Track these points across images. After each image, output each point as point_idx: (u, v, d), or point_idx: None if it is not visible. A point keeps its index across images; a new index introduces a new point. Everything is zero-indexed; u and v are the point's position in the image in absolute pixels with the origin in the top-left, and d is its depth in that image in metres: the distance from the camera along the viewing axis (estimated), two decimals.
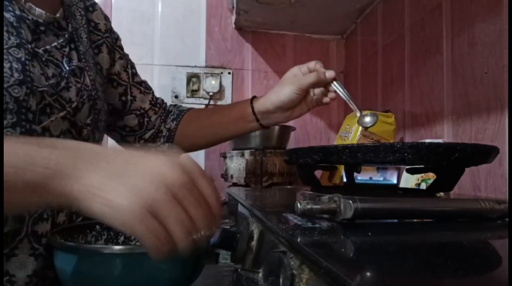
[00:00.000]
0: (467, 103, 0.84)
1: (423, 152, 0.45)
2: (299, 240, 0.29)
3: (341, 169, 1.04)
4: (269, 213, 0.43)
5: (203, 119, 0.80)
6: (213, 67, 1.57)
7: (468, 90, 0.84)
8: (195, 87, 1.54)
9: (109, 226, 0.57)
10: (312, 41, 1.65)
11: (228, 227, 0.56)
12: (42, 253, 0.52)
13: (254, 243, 0.43)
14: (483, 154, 0.48)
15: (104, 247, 0.42)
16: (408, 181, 0.80)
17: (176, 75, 1.54)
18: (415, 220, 0.39)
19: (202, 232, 0.34)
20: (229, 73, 1.57)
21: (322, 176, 1.13)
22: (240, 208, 0.59)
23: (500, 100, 0.75)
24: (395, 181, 0.99)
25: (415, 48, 1.08)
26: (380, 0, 1.30)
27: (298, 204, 0.34)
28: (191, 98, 1.54)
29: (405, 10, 1.13)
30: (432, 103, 0.99)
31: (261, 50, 1.61)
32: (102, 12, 0.74)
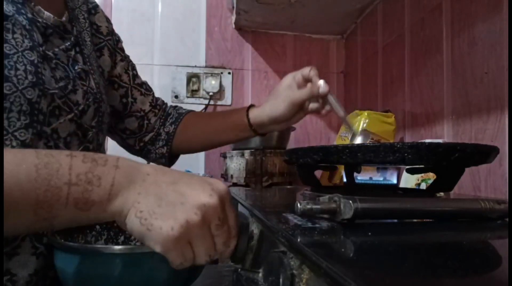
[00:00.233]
0: (467, 103, 0.84)
1: (423, 152, 0.45)
2: (299, 240, 0.29)
3: (341, 169, 1.04)
4: (269, 213, 0.43)
5: (200, 125, 0.81)
6: (213, 67, 1.57)
7: (468, 90, 0.84)
8: (195, 87, 1.54)
9: (109, 226, 0.57)
10: (312, 41, 1.65)
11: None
12: (43, 252, 0.53)
13: (254, 243, 0.43)
14: (483, 154, 0.48)
15: (104, 247, 0.42)
16: (408, 181, 0.80)
17: (176, 75, 1.54)
18: (415, 220, 0.39)
19: (219, 252, 0.38)
20: (229, 73, 1.57)
21: (322, 176, 1.13)
22: (240, 208, 0.59)
23: (500, 100, 0.75)
24: (395, 181, 0.99)
25: (415, 48, 1.08)
26: (380, 0, 1.30)
27: (298, 204, 0.34)
28: (191, 98, 1.54)
29: (405, 10, 1.13)
30: (432, 103, 0.99)
31: (261, 50, 1.62)
32: (103, 14, 0.74)
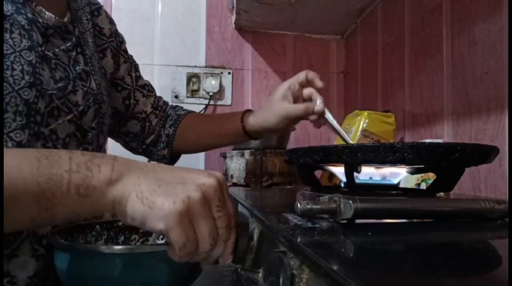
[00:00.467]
0: (467, 103, 0.84)
1: (423, 152, 0.45)
2: (299, 240, 0.29)
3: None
4: (269, 213, 0.43)
5: (197, 129, 0.81)
6: (213, 67, 1.57)
7: (468, 90, 0.84)
8: (195, 87, 1.54)
9: (109, 226, 0.57)
10: (312, 41, 1.65)
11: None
12: (43, 254, 0.53)
13: (254, 243, 0.43)
14: (483, 154, 0.48)
15: (104, 247, 0.42)
16: (408, 181, 0.80)
17: (176, 75, 1.54)
18: (415, 220, 0.39)
19: (222, 242, 0.37)
20: (229, 73, 1.57)
21: (322, 176, 1.13)
22: (240, 208, 0.59)
23: (500, 100, 0.74)
24: (395, 181, 0.99)
25: (415, 48, 1.08)
26: (380, 0, 1.30)
27: (298, 204, 0.34)
28: (191, 98, 1.54)
29: (405, 10, 1.13)
30: (432, 103, 0.99)
31: (261, 50, 1.61)
32: (107, 15, 0.73)
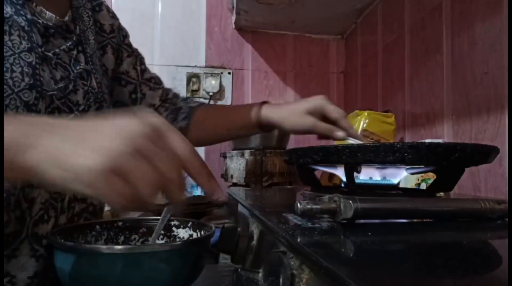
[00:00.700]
0: (467, 103, 0.84)
1: (423, 152, 0.45)
2: (299, 240, 0.29)
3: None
4: (269, 213, 0.43)
5: (212, 120, 0.81)
6: (213, 67, 1.57)
7: (468, 90, 0.84)
8: (195, 87, 1.54)
9: (109, 226, 0.57)
10: (312, 41, 1.65)
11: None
12: (43, 254, 0.53)
13: (254, 243, 0.43)
14: (483, 154, 0.48)
15: (104, 247, 0.42)
16: (408, 181, 0.80)
17: (176, 75, 1.54)
18: (415, 220, 0.39)
19: (176, 186, 0.32)
20: (229, 73, 1.57)
21: (322, 176, 1.13)
22: (240, 208, 0.59)
23: (500, 100, 0.75)
24: (395, 181, 0.99)
25: (415, 48, 1.08)
26: (380, 0, 1.30)
27: (298, 204, 0.34)
28: (191, 98, 1.54)
29: (405, 10, 1.13)
30: (432, 103, 0.99)
31: (261, 50, 1.62)
32: (108, 11, 0.72)
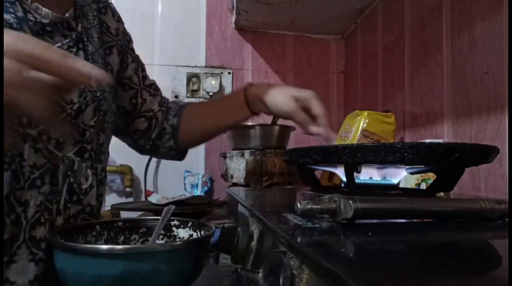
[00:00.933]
0: (467, 103, 0.84)
1: (423, 152, 0.45)
2: (299, 240, 0.29)
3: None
4: (269, 213, 0.43)
5: (202, 113, 0.81)
6: (213, 67, 1.57)
7: (468, 90, 0.84)
8: (195, 87, 1.54)
9: (109, 226, 0.57)
10: (312, 41, 1.65)
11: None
12: (42, 258, 0.52)
13: (254, 243, 0.43)
14: (483, 154, 0.48)
15: (104, 247, 0.42)
16: (408, 181, 0.80)
17: (176, 75, 1.54)
18: (415, 220, 0.39)
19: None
20: (229, 73, 1.57)
21: (322, 176, 1.13)
22: (240, 208, 0.59)
23: (500, 100, 0.75)
24: (395, 181, 0.99)
25: (415, 48, 1.08)
26: (380, 0, 1.30)
27: (298, 204, 0.34)
28: (191, 98, 1.54)
29: (405, 10, 1.13)
30: (432, 103, 0.99)
31: (261, 50, 1.62)
32: (114, 14, 0.72)
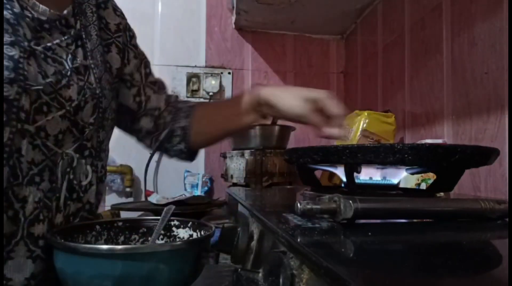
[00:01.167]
0: (467, 103, 0.84)
1: (423, 153, 0.45)
2: (299, 240, 0.29)
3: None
4: (269, 213, 0.43)
5: (214, 114, 0.78)
6: (213, 67, 1.57)
7: (468, 90, 0.84)
8: (195, 87, 1.54)
9: (109, 226, 0.57)
10: (312, 41, 1.65)
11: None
12: (40, 255, 0.52)
13: (254, 243, 0.43)
14: (483, 156, 0.48)
15: (104, 247, 0.42)
16: (408, 181, 0.80)
17: (176, 75, 1.54)
18: (415, 220, 0.39)
19: None
20: (229, 73, 1.57)
21: (322, 176, 1.13)
22: (240, 208, 0.59)
23: (500, 100, 0.75)
24: (395, 181, 0.99)
25: (415, 48, 1.08)
26: (380, 0, 1.30)
27: (298, 204, 0.34)
28: (191, 98, 1.54)
29: (405, 10, 1.13)
30: (432, 103, 0.99)
31: (261, 50, 1.62)
32: (115, 10, 0.71)
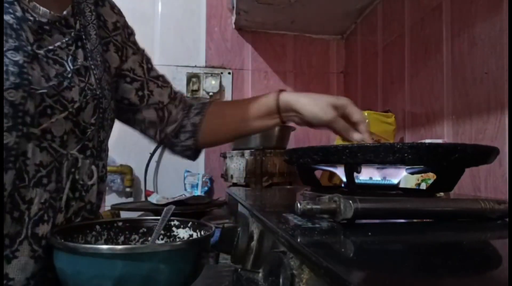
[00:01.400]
0: (467, 103, 0.84)
1: (423, 152, 0.45)
2: (299, 240, 0.29)
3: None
4: (269, 213, 0.43)
5: (227, 113, 0.78)
6: (213, 67, 1.57)
7: (468, 90, 0.84)
8: (195, 87, 1.54)
9: (109, 226, 0.57)
10: (312, 41, 1.65)
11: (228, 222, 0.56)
12: (41, 255, 0.52)
13: (254, 243, 0.43)
14: (483, 154, 0.48)
15: (104, 247, 0.42)
16: (408, 181, 0.80)
17: (176, 75, 1.54)
18: (415, 220, 0.39)
19: None
20: (229, 73, 1.57)
21: (322, 176, 1.13)
22: (240, 208, 0.59)
23: (500, 100, 0.75)
24: (395, 181, 0.99)
25: (415, 48, 1.08)
26: (380, 0, 1.30)
27: (298, 204, 0.34)
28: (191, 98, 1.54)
29: (405, 10, 1.13)
30: (432, 103, 0.99)
31: (261, 50, 1.62)
32: (113, 7, 0.71)
